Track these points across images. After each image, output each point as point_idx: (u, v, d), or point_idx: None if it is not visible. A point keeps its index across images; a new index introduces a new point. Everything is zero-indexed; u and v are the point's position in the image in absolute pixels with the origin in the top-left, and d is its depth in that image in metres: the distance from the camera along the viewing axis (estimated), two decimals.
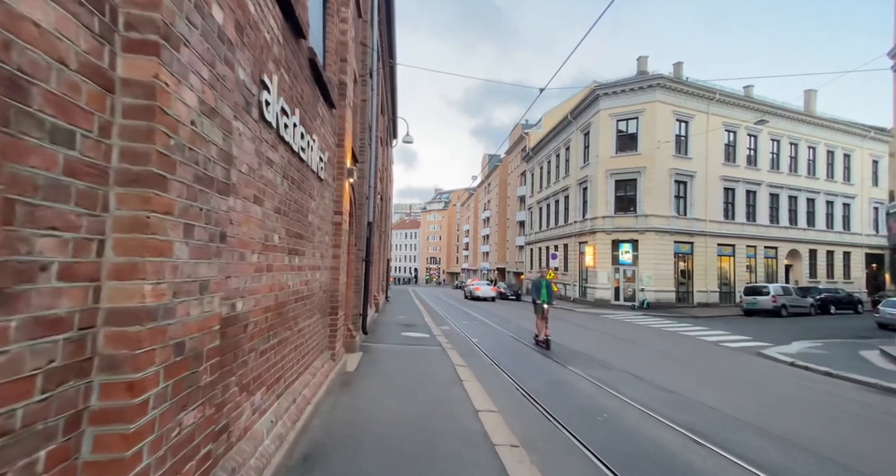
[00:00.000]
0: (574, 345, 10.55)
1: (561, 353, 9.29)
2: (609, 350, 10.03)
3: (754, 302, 20.36)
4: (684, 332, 14.02)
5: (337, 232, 5.63)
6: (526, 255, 39.63)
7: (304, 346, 4.28)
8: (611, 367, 8.02)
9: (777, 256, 26.69)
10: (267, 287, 3.00)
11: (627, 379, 7.10)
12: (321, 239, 4.88)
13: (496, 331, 13.20)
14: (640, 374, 7.44)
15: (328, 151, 5.04)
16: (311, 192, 4.32)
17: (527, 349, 9.90)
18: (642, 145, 23.43)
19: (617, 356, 9.22)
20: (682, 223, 23.69)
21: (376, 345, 8.75)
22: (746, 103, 25.38)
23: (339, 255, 5.62)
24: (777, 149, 26.85)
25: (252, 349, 2.75)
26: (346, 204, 5.92)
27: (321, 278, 5.00)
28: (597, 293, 24.39)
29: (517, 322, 15.70)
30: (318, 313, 4.89)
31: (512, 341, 11.13)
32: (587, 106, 26.16)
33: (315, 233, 4.56)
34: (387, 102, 16.93)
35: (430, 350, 8.52)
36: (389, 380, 5.85)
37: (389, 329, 11.44)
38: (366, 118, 8.20)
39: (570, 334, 12.65)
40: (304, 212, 4.05)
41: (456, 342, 10.23)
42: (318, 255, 4.78)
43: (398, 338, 9.95)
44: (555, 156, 32.20)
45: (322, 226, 4.91)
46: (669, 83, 23.29)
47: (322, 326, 5.18)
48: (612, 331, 13.99)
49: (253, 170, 2.65)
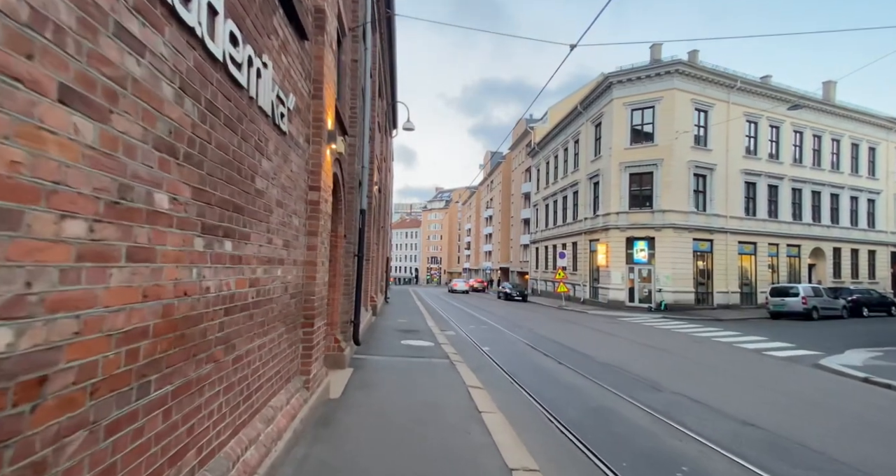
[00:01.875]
0: (600, 354, 9.06)
1: (589, 367, 7.81)
2: (643, 362, 8.54)
3: (782, 304, 18.86)
4: (717, 338, 12.53)
5: (313, 214, 4.16)
6: (531, 255, 38.13)
7: (253, 381, 2.81)
8: (658, 387, 6.54)
9: (800, 255, 25.17)
10: (133, 292, 1.52)
11: (686, 405, 5.61)
12: (284, 220, 3.40)
13: (508, 337, 11.72)
14: (698, 397, 5.96)
15: (296, 96, 3.56)
16: (263, 144, 2.84)
17: (547, 361, 8.41)
18: (659, 136, 21.92)
19: (655, 370, 7.73)
20: (701, 219, 22.18)
21: (371, 358, 7.27)
22: (769, 92, 23.83)
23: (316, 245, 4.15)
24: (800, 141, 25.32)
25: (82, 423, 1.28)
26: (326, 178, 4.45)
27: (287, 277, 3.53)
28: (610, 294, 22.89)
29: (529, 326, 14.22)
30: (281, 327, 3.42)
31: (527, 350, 9.64)
32: (599, 95, 24.65)
33: (273, 210, 3.09)
34: (385, 85, 15.46)
35: (437, 364, 7.04)
36: (384, 414, 4.37)
37: (387, 336, 9.96)
38: (357, 82, 6.75)
39: (591, 341, 11.16)
40: (246, 171, 2.58)
41: (465, 352, 8.75)
42: (281, 243, 3.31)
43: (397, 348, 8.47)
44: (562, 150, 30.70)
45: (286, 202, 3.44)
46: (688, 69, 21.78)
47: (290, 344, 3.70)
48: (636, 336, 12.50)
49: (63, 29, 1.18)
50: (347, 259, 6.94)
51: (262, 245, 2.91)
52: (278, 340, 3.36)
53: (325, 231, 4.56)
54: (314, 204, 4.19)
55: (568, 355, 8.99)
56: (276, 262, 3.21)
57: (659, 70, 21.89)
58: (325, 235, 4.55)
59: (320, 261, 4.34)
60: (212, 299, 2.16)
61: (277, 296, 3.29)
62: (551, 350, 9.55)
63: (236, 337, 2.50)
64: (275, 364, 3.30)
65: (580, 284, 26.36)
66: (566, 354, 9.08)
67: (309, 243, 4.16)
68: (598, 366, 8.01)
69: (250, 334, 2.73)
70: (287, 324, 3.61)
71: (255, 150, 2.72)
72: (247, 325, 2.67)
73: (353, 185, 6.87)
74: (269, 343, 3.13)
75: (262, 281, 2.93)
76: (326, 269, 4.74)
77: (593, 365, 8.08)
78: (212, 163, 2.11)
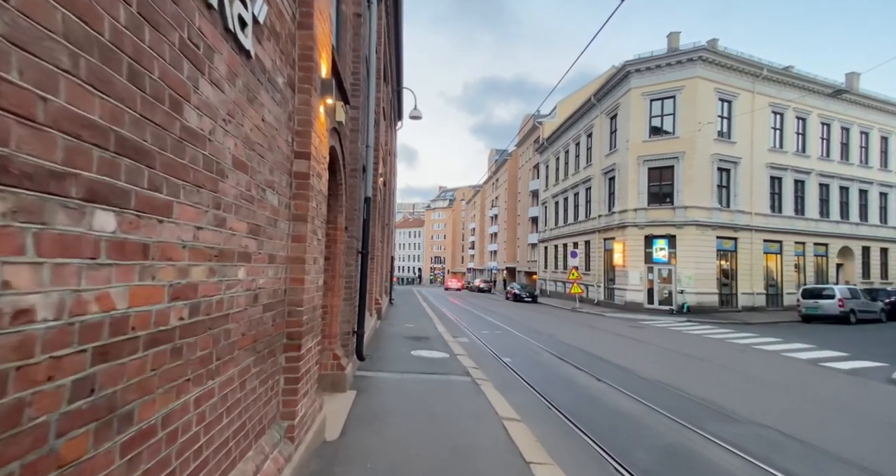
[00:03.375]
0: (638, 367, 7.84)
1: (634, 384, 6.59)
2: (692, 377, 7.32)
3: (815, 306, 17.58)
4: (759, 345, 11.28)
5: (301, 192, 2.97)
6: (539, 254, 36.86)
7: (186, 460, 1.62)
8: (730, 414, 5.31)
9: (828, 254, 23.81)
10: None
11: (782, 444, 4.39)
12: (252, 194, 2.22)
13: (527, 345, 10.50)
14: (789, 430, 4.75)
15: (269, 6, 2.37)
16: (201, 54, 1.65)
17: (581, 376, 7.19)
18: (680, 128, 20.63)
19: (712, 388, 6.50)
20: (725, 216, 20.87)
21: (378, 376, 6.08)
22: (796, 81, 22.46)
23: (305, 235, 2.96)
24: (827, 134, 23.95)
25: None
26: (320, 144, 3.26)
27: (258, 280, 2.35)
28: (627, 295, 21.61)
29: (546, 331, 13.00)
30: (247, 357, 2.24)
31: (554, 362, 8.42)
32: (615, 85, 23.37)
33: (227, 173, 1.91)
34: (390, 70, 14.27)
35: (456, 384, 5.84)
36: (398, 472, 3.16)
37: (395, 345, 8.77)
38: (361, 45, 5.57)
39: (621, 350, 9.93)
40: (162, 88, 1.38)
41: (485, 365, 7.55)
42: (244, 227, 2.13)
43: (408, 360, 7.28)
44: (573, 145, 29.42)
45: (255, 166, 2.26)
46: (712, 56, 20.47)
47: (263, 380, 2.51)
48: (668, 343, 11.27)
49: None
50: (349, 257, 5.75)
51: (203, 228, 1.72)
52: (241, 380, 2.17)
53: (319, 217, 3.37)
54: (302, 177, 2.99)
55: (602, 368, 7.78)
56: (233, 257, 2.02)
57: (680, 57, 20.60)
58: (319, 223, 3.36)
59: (312, 257, 3.15)
60: (43, 335, 0.97)
61: (238, 310, 2.10)
62: (581, 361, 8.33)
63: (133, 396, 1.31)
64: (236, 417, 2.11)
65: (594, 285, 25.10)
66: (600, 367, 7.87)
67: (295, 232, 2.97)
68: (643, 383, 6.79)
69: (172, 385, 1.54)
70: (258, 351, 2.42)
71: (184, 56, 1.53)
72: (164, 371, 1.47)
73: (355, 167, 5.67)
74: (222, 388, 1.94)
75: (205, 289, 1.74)
76: (321, 268, 3.55)
77: (637, 381, 6.86)
78: (64, 45, 0.92)
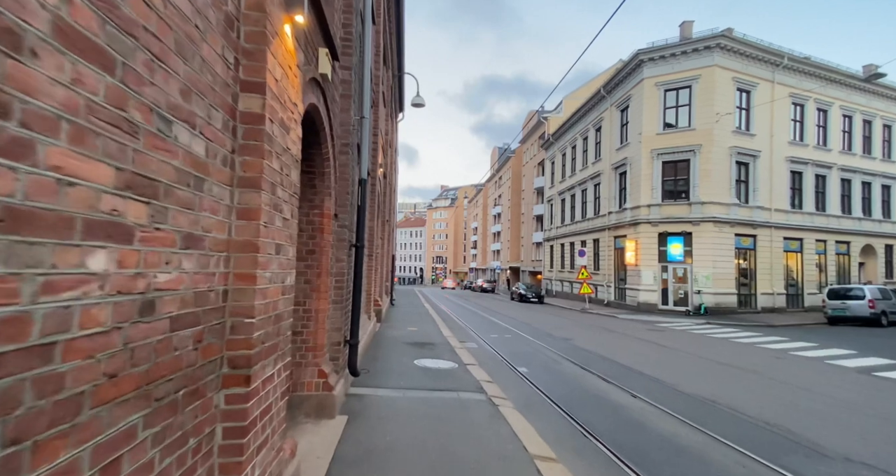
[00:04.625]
0: (676, 379, 6.80)
1: (679, 403, 5.56)
2: (743, 394, 6.28)
3: (843, 307, 16.52)
4: (797, 351, 10.24)
5: (252, 143, 1.96)
6: (545, 253, 35.81)
7: None
8: (817, 448, 4.28)
9: (849, 253, 22.71)
10: None
11: None
12: (142, 122, 1.20)
13: (542, 352, 9.46)
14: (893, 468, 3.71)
15: None
16: None
17: (612, 390, 6.15)
18: (697, 119, 19.56)
19: (771, 409, 5.46)
20: (743, 212, 19.79)
21: (375, 394, 5.05)
22: (818, 71, 21.34)
23: (258, 208, 1.95)
24: (849, 126, 22.85)
25: None
26: (284, 77, 2.24)
27: (159, 276, 1.33)
28: (640, 296, 20.54)
29: (559, 335, 11.97)
30: (126, 416, 1.22)
31: (577, 373, 7.37)
32: (626, 76, 22.30)
33: (41, 54, 0.88)
34: (390, 53, 13.26)
35: (470, 405, 4.81)
36: None
37: (396, 353, 7.75)
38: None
39: (649, 358, 8.87)
40: None
41: (500, 378, 6.53)
42: (110, 174, 1.11)
43: (411, 373, 6.25)
44: (581, 139, 28.37)
45: (154, 78, 1.24)
46: (730, 44, 19.39)
47: (171, 445, 1.50)
48: (695, 348, 10.22)
49: None
50: (340, 250, 4.72)
51: None
52: (111, 458, 1.15)
53: (286, 187, 2.34)
54: (253, 121, 1.97)
55: (634, 380, 6.75)
56: (69, 229, 1.00)
57: (697, 45, 19.53)
58: (285, 195, 2.34)
59: (271, 243, 2.12)
60: None
61: (93, 332, 1.08)
62: (607, 371, 7.30)
63: None
64: None
65: (603, 285, 24.04)
66: (631, 379, 6.84)
67: (242, 204, 1.94)
68: (688, 400, 5.76)
69: None
70: (161, 397, 1.40)
71: None
72: None
73: (347, 141, 4.64)
74: None
75: None
76: (290, 261, 2.51)
77: (679, 398, 5.83)
78: None
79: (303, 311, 4.19)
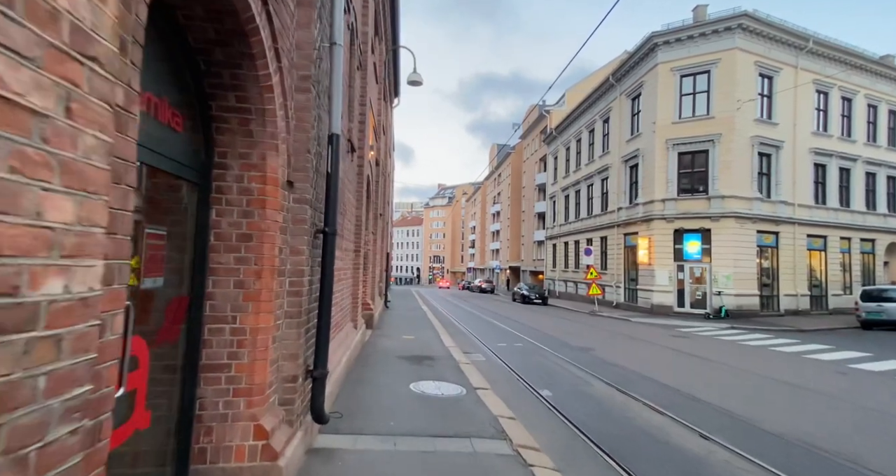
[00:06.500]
0: (746, 409, 5.25)
1: (776, 451, 4.03)
2: (859, 436, 4.76)
3: (879, 310, 15.09)
4: (853, 363, 8.76)
5: None
6: (547, 252, 34.31)
7: None
8: None
9: (874, 251, 21.33)
10: None
11: None
12: None
13: (564, 367, 7.92)
14: None
15: None
16: None
17: (677, 430, 4.61)
18: (716, 106, 18.10)
19: None
20: (766, 207, 18.35)
21: (352, 447, 3.48)
22: (844, 56, 19.91)
23: None
24: (874, 117, 21.47)
25: None
26: None
27: None
28: (654, 297, 19.05)
29: (576, 343, 10.44)
30: None
31: (619, 399, 5.81)
32: (638, 62, 20.81)
33: None
34: (383, 21, 11.69)
35: (490, 465, 3.25)
36: None
37: (387, 374, 6.18)
38: None
39: (691, 374, 7.32)
40: None
41: (523, 410, 4.98)
42: None
43: (405, 407, 4.68)
44: (587, 132, 26.87)
45: None
46: (753, 25, 17.92)
47: None
48: (738, 362, 8.71)
49: None
50: (298, 237, 3.14)
51: None
52: None
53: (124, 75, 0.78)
54: None
55: (695, 411, 5.22)
56: None
57: (717, 26, 18.05)
58: (122, 94, 0.77)
59: None
60: None
61: None
62: (654, 397, 5.77)
63: None
64: None
65: (612, 286, 22.56)
66: (690, 409, 5.31)
67: None
68: (782, 444, 4.23)
69: None
70: None
71: None
72: None
73: (307, 72, 3.09)
74: None
75: None
76: (100, 241, 0.96)
77: (769, 441, 4.31)
78: None
79: (230, 331, 2.62)
